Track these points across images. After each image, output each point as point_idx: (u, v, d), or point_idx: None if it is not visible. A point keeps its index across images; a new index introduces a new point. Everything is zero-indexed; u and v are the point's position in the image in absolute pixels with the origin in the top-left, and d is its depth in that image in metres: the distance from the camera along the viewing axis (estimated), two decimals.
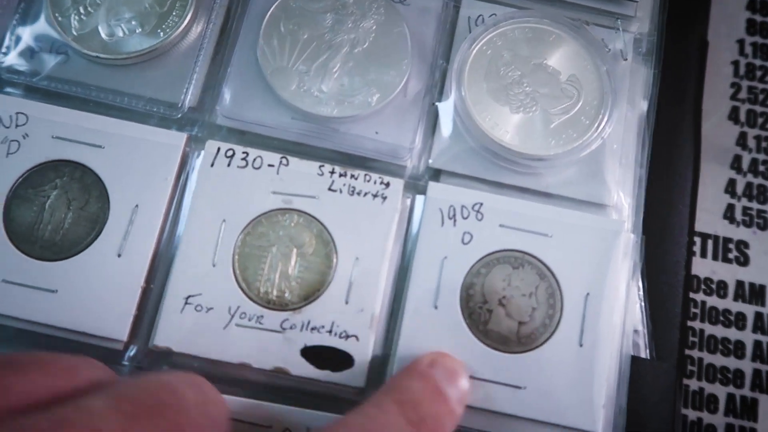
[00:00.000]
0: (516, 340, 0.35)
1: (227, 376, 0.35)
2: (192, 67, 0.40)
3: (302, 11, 0.40)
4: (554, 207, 0.38)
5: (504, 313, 0.36)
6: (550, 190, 0.39)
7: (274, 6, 0.40)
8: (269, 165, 0.37)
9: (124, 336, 0.34)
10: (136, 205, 0.36)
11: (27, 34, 0.40)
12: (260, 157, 0.37)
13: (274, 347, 0.35)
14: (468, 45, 0.41)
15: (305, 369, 0.35)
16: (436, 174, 0.40)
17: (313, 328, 0.35)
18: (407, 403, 0.29)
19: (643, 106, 0.41)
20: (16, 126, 0.37)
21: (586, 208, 0.38)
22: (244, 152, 0.37)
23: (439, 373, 0.32)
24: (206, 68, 0.40)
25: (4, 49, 0.39)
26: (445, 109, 0.40)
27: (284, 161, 0.37)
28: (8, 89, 0.40)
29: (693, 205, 0.40)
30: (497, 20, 0.41)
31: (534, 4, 0.42)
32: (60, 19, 0.39)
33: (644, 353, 0.37)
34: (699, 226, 0.42)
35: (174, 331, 0.34)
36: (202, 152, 0.38)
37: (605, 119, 0.39)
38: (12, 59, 0.39)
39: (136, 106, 0.39)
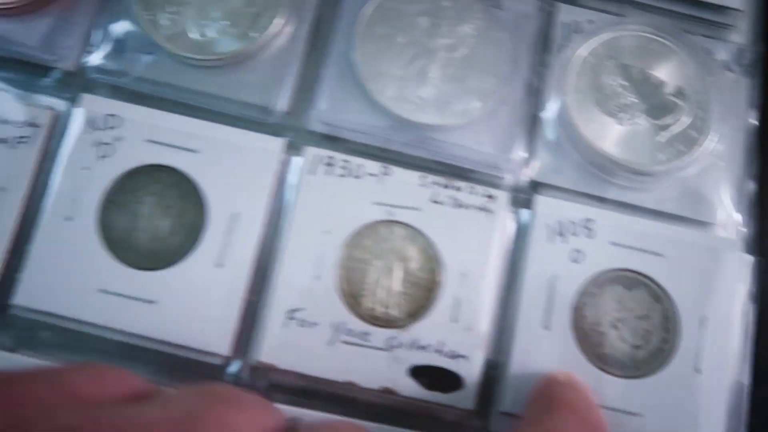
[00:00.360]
0: (631, 365, 0.33)
1: (331, 395, 0.33)
2: (285, 70, 0.37)
3: (398, 14, 0.38)
4: (665, 224, 0.37)
5: (617, 336, 0.34)
6: (656, 206, 0.37)
7: (369, 8, 0.38)
8: (370, 174, 0.35)
9: (225, 350, 0.32)
10: (235, 213, 0.34)
11: (115, 33, 0.37)
12: (361, 165, 0.35)
13: (380, 366, 0.33)
14: (570, 53, 0.38)
15: (414, 389, 0.33)
16: (536, 187, 0.37)
17: (420, 347, 0.33)
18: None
19: (750, 118, 0.38)
20: (109, 129, 0.35)
21: (693, 225, 0.37)
22: (344, 160, 0.35)
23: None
24: (298, 71, 0.37)
25: (91, 49, 0.36)
26: (548, 120, 0.38)
27: (386, 170, 0.35)
28: (96, 89, 0.37)
29: None
30: (599, 27, 0.39)
31: (632, 11, 0.40)
32: (149, 18, 0.37)
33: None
34: None
35: (278, 346, 0.33)
36: (301, 159, 0.35)
37: (714, 133, 0.37)
38: (99, 59, 0.37)
39: (228, 109, 0.37)
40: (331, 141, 0.37)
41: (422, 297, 0.34)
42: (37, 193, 0.35)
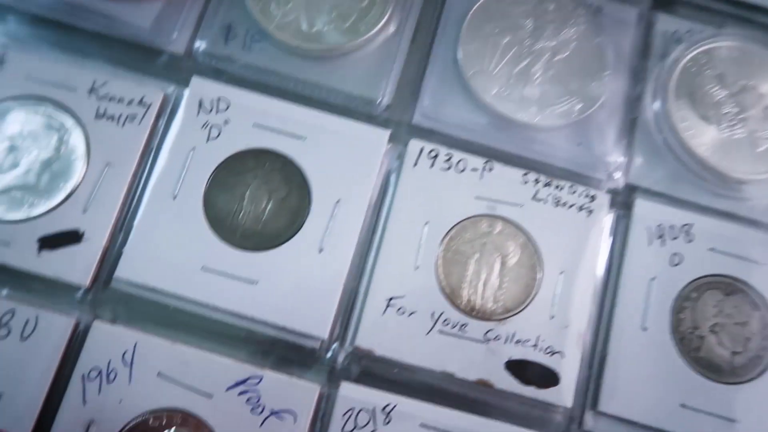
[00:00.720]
0: (729, 371, 0.32)
1: (424, 384, 0.32)
2: (389, 65, 0.37)
3: (503, 14, 0.38)
4: (762, 233, 0.36)
5: (716, 341, 0.33)
6: (754, 215, 0.36)
7: (475, 7, 0.38)
8: (473, 169, 0.35)
9: (324, 334, 0.32)
10: (338, 200, 0.34)
11: (225, 19, 0.38)
12: (464, 160, 0.35)
13: (477, 358, 0.32)
14: (671, 61, 0.38)
15: (510, 383, 0.32)
16: (633, 190, 0.37)
17: (517, 341, 0.33)
18: None
19: None
20: (218, 112, 0.35)
21: None
22: (447, 154, 0.35)
23: None
24: (401, 66, 0.37)
25: (201, 34, 0.37)
26: (646, 125, 0.39)
27: (488, 166, 0.35)
28: (203, 74, 0.38)
29: None
30: (698, 38, 0.38)
31: (730, 23, 0.40)
32: (261, 6, 0.37)
33: None
34: None
35: (376, 332, 0.32)
36: (405, 151, 0.35)
37: None
38: (209, 44, 0.37)
39: (331, 99, 0.37)
40: (433, 135, 0.36)
41: (520, 292, 0.34)
42: (143, 171, 0.35)
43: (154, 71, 0.38)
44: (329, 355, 0.33)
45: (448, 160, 0.35)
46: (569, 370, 0.33)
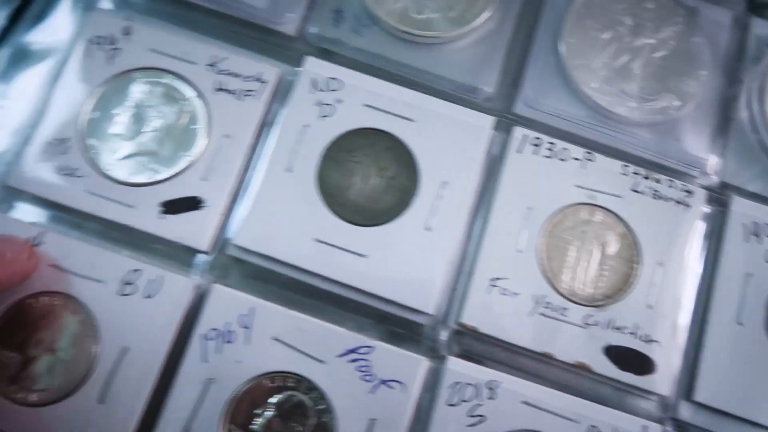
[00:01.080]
0: None
1: (523, 365, 0.33)
2: (493, 54, 0.38)
3: (604, 11, 0.39)
4: None
5: None
6: None
7: (577, 3, 0.39)
8: (574, 158, 0.36)
9: (430, 309, 0.33)
10: (445, 182, 0.35)
11: (335, 3, 0.39)
12: (566, 149, 0.36)
13: (577, 341, 0.33)
14: (765, 65, 0.38)
15: (608, 368, 0.33)
16: (727, 188, 0.39)
17: (615, 328, 0.34)
18: None
19: None
20: (331, 91, 0.36)
21: None
22: (550, 142, 0.36)
23: None
24: (504, 56, 0.38)
25: (312, 17, 0.38)
26: (741, 125, 0.40)
27: (589, 156, 0.36)
28: (315, 55, 0.39)
29: None
30: None
31: None
32: None
33: None
34: None
35: (480, 310, 0.33)
36: (509, 137, 0.36)
37: None
38: (319, 27, 0.38)
39: (436, 84, 0.38)
40: (533, 124, 0.37)
41: (619, 280, 0.34)
42: (259, 144, 0.36)
43: (266, 50, 0.39)
44: (433, 330, 0.34)
45: (551, 148, 0.36)
46: (666, 358, 0.33)
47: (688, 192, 0.36)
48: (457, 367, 0.33)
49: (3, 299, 0.31)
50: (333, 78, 0.37)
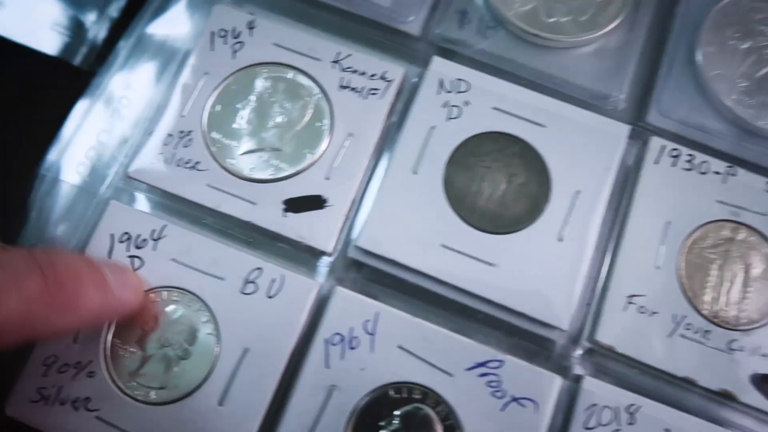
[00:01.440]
0: None
1: (659, 390, 0.30)
2: (625, 61, 0.36)
3: (742, 19, 0.37)
4: None
5: None
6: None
7: (714, 10, 0.36)
8: (715, 172, 0.33)
9: (564, 324, 0.31)
10: (578, 191, 0.32)
11: (460, 4, 0.37)
12: (705, 162, 0.33)
13: (720, 367, 0.31)
14: None
15: (754, 397, 0.30)
16: None
17: (763, 355, 0.30)
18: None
19: None
20: (458, 92, 0.34)
21: None
22: (689, 154, 0.34)
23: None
24: (635, 63, 0.36)
25: (437, 17, 0.36)
26: None
27: (731, 170, 0.33)
28: (439, 55, 0.37)
29: None
30: None
31: None
32: None
33: None
34: None
35: (616, 328, 0.31)
36: (646, 147, 0.33)
37: None
38: (444, 28, 0.37)
39: (567, 91, 0.36)
40: (666, 134, 0.35)
41: (765, 304, 0.31)
42: (383, 144, 0.34)
43: (389, 49, 0.37)
44: (564, 347, 0.31)
45: (690, 160, 0.34)
46: None
47: None
48: (593, 387, 0.30)
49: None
50: (460, 79, 0.35)
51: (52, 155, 0.35)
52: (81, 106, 0.36)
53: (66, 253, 0.29)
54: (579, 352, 0.32)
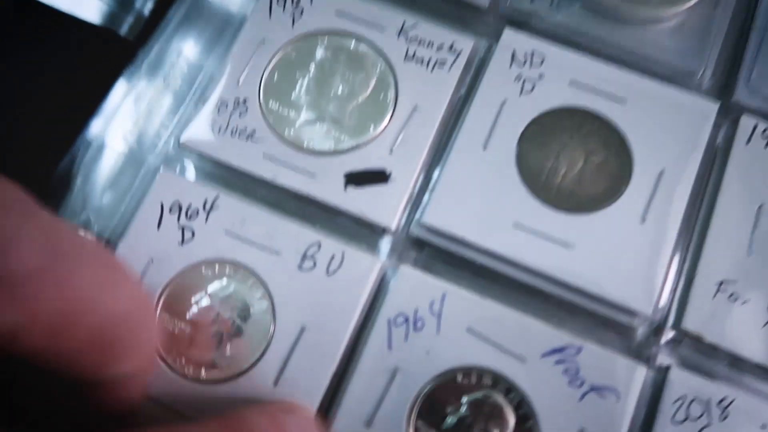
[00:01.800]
0: None
1: (750, 384, 0.27)
2: (711, 37, 0.32)
3: None
4: None
5: None
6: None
7: None
8: None
9: (648, 310, 0.27)
10: (661, 171, 0.29)
11: None
12: None
13: None
14: None
15: None
16: None
17: None
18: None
19: None
20: (531, 65, 0.31)
21: None
22: None
23: (291, 419, 0.25)
24: (721, 39, 0.33)
25: None
26: None
27: None
28: (509, 28, 0.34)
29: None
30: None
31: None
32: None
33: None
34: None
35: (705, 316, 0.28)
36: (736, 127, 0.30)
37: None
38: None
39: (649, 67, 0.33)
40: (758, 114, 0.32)
41: None
42: (450, 118, 0.31)
43: (456, 20, 0.34)
44: (647, 334, 0.28)
45: None
46: None
47: None
48: (682, 378, 0.27)
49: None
50: (534, 51, 0.32)
51: (98, 123, 0.33)
52: (129, 75, 0.33)
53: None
54: (663, 340, 0.28)
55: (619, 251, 0.29)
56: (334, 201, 0.30)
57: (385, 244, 0.30)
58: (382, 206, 0.30)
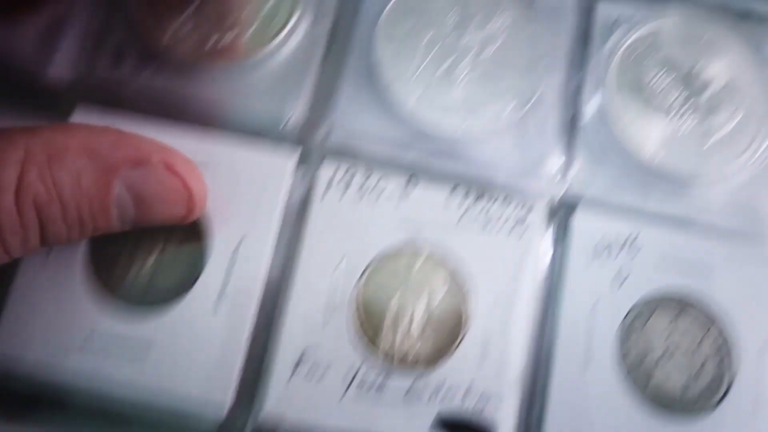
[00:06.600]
0: (684, 401, 0.24)
1: None
2: (298, 75, 0.27)
3: (423, 8, 0.29)
4: (714, 239, 0.29)
5: (667, 370, 0.25)
6: (699, 216, 0.29)
7: (392, 2, 0.28)
8: (392, 191, 0.27)
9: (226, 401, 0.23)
10: (240, 240, 0.25)
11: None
12: (382, 181, 0.26)
13: (399, 419, 0.24)
14: (609, 49, 0.29)
15: None
16: (573, 199, 0.30)
17: (446, 390, 0.27)
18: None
19: None
20: None
21: (744, 239, 0.30)
22: (363, 176, 0.26)
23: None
24: (315, 76, 0.28)
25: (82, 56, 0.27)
26: (587, 123, 0.31)
27: (409, 186, 0.27)
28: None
29: None
30: (641, 20, 0.29)
31: (675, 2, 0.33)
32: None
33: None
34: None
35: (285, 396, 0.24)
36: (315, 176, 0.26)
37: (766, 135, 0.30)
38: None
39: (235, 118, 0.28)
40: (349, 154, 0.27)
41: (448, 332, 0.25)
42: None
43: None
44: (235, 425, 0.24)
45: (363, 183, 0.26)
46: (506, 417, 0.24)
47: (525, 212, 0.27)
48: None
49: None
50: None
51: None
52: None
53: None
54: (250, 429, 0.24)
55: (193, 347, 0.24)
56: None
57: None
58: None
